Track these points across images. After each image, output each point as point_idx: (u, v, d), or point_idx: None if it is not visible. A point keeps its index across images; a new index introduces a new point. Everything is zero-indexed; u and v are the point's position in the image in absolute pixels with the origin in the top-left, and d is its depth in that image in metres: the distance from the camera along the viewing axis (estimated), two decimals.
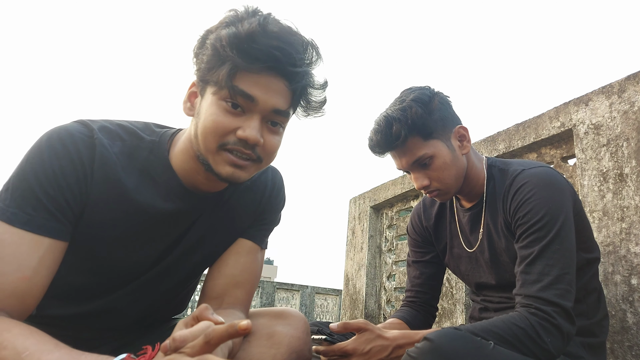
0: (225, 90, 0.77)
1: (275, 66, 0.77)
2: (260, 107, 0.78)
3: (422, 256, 1.43)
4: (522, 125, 2.01)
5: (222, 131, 0.78)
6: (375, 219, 3.19)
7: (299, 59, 0.78)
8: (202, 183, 0.88)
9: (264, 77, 0.77)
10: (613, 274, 1.51)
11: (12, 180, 0.78)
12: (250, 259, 0.97)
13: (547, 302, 0.96)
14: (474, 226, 1.26)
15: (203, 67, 0.80)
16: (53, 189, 0.77)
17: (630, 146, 1.53)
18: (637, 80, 1.56)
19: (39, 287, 0.75)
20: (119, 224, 0.85)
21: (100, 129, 0.84)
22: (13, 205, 0.75)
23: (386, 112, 1.15)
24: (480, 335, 0.90)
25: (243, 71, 0.76)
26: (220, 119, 0.78)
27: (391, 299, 2.95)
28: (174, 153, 0.87)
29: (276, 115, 0.81)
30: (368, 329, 1.09)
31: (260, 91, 0.77)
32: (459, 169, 1.19)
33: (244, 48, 0.75)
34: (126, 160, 0.85)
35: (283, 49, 0.76)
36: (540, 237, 1.03)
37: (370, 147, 1.19)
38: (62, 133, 0.80)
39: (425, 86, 1.20)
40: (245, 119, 0.78)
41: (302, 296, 15.22)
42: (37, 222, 0.75)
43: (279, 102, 0.79)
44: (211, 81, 0.79)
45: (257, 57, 0.75)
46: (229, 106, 0.78)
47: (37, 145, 0.80)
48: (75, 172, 0.79)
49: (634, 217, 1.48)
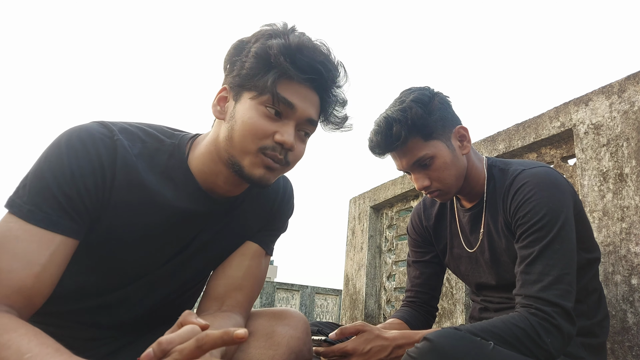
0: (267, 95, 0.80)
1: (316, 79, 0.83)
2: (297, 115, 0.83)
3: (422, 256, 1.43)
4: (522, 125, 2.01)
5: (262, 134, 0.81)
6: (375, 219, 3.19)
7: (337, 76, 0.85)
8: (220, 187, 0.90)
9: (304, 88, 0.83)
10: (613, 274, 1.51)
11: (30, 177, 0.78)
12: (254, 262, 0.97)
13: (547, 302, 0.96)
14: (474, 226, 1.26)
15: (244, 74, 0.83)
16: (70, 188, 0.77)
17: (630, 146, 1.53)
18: (637, 80, 1.56)
19: (47, 284, 0.76)
20: (140, 226, 0.86)
21: (120, 131, 0.85)
22: (30, 202, 0.75)
23: (386, 113, 1.15)
24: (480, 335, 0.90)
25: (286, 80, 0.81)
26: (261, 122, 0.81)
27: (391, 299, 2.95)
28: (194, 156, 0.89)
29: (308, 124, 0.86)
30: (367, 330, 1.09)
31: (300, 100, 0.82)
32: (460, 169, 1.18)
33: (293, 58, 0.80)
34: (147, 162, 0.86)
35: (326, 65, 0.82)
36: (540, 237, 1.03)
37: (371, 148, 1.19)
38: (82, 133, 0.81)
39: (425, 86, 1.20)
40: (282, 124, 0.82)
41: (302, 296, 15.22)
42: (52, 220, 0.76)
43: (313, 112, 0.85)
44: (252, 87, 0.82)
45: (303, 69, 0.81)
46: (269, 112, 0.81)
47: (56, 143, 0.80)
48: (94, 174, 0.80)
49: (634, 217, 1.48)
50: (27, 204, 0.75)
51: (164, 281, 0.95)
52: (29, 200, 0.76)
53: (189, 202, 0.89)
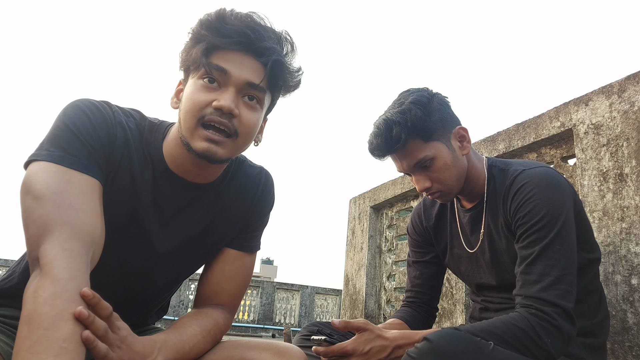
0: (202, 68, 0.84)
1: (244, 42, 0.84)
2: (233, 80, 0.84)
3: (422, 256, 1.43)
4: (522, 125, 2.01)
5: (200, 105, 0.83)
6: (375, 219, 3.19)
7: (267, 36, 0.85)
8: (190, 171, 0.92)
9: (236, 53, 0.84)
10: (613, 274, 1.51)
11: (53, 132, 0.80)
12: (235, 266, 1.01)
13: (547, 302, 0.96)
14: (474, 226, 1.26)
15: (184, 57, 0.87)
16: (94, 141, 0.81)
17: (630, 146, 1.53)
18: (637, 80, 1.56)
19: (103, 228, 0.78)
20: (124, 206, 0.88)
21: (115, 106, 0.90)
22: (60, 150, 0.77)
23: (385, 116, 1.15)
24: (480, 335, 0.90)
25: (217, 50, 0.84)
26: (198, 95, 0.84)
27: (391, 299, 2.95)
28: (166, 142, 0.92)
29: (251, 88, 0.86)
30: (368, 329, 1.09)
31: (233, 65, 0.84)
32: (460, 170, 1.18)
33: (215, 27, 0.83)
34: (137, 137, 0.90)
35: (253, 28, 0.84)
36: (540, 238, 1.03)
37: (370, 151, 1.18)
38: (90, 101, 0.85)
39: (424, 87, 1.20)
40: (221, 92, 0.84)
41: (302, 296, 15.22)
42: (85, 165, 0.79)
43: (252, 76, 0.85)
44: (191, 66, 0.86)
45: (227, 35, 0.83)
46: (205, 82, 0.84)
47: (70, 104, 0.83)
48: (108, 133, 0.84)
49: (634, 217, 1.48)
50: (57, 151, 0.77)
51: (148, 276, 0.97)
52: (58, 148, 0.78)
53: (165, 184, 0.92)
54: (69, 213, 0.72)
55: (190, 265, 1.01)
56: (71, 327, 0.63)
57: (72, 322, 0.63)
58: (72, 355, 0.61)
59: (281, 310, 14.90)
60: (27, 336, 0.61)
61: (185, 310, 13.42)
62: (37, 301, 0.64)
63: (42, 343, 0.60)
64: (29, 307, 0.64)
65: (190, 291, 13.21)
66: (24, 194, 0.74)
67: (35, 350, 0.60)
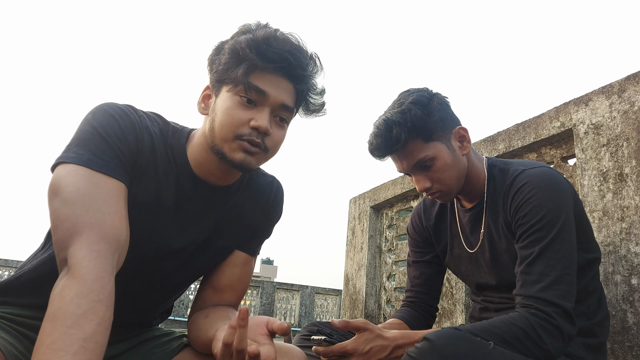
0: (240, 86, 0.86)
1: (286, 68, 0.87)
2: (270, 102, 0.88)
3: (422, 256, 1.43)
4: (522, 125, 2.01)
5: (238, 122, 0.87)
6: (375, 219, 3.19)
7: (306, 64, 0.90)
8: (213, 175, 0.95)
9: (275, 76, 0.88)
10: (613, 274, 1.51)
11: (82, 135, 0.81)
12: (245, 270, 1.06)
13: (547, 302, 0.96)
14: (474, 226, 1.26)
15: (220, 69, 0.89)
16: (122, 144, 0.83)
17: (630, 146, 1.53)
18: (637, 80, 1.56)
19: (128, 231, 0.79)
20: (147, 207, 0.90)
21: (140, 111, 0.92)
22: (88, 153, 0.79)
23: (385, 116, 1.15)
24: (480, 335, 0.90)
25: (258, 70, 0.87)
26: (236, 111, 0.87)
27: (391, 299, 2.95)
28: (190, 147, 0.95)
29: (283, 110, 0.90)
30: (368, 329, 1.09)
31: (271, 88, 0.87)
32: (460, 170, 1.19)
33: (261, 50, 0.85)
34: (161, 141, 0.93)
35: (294, 54, 0.87)
36: (540, 237, 1.03)
37: (370, 151, 1.18)
38: (117, 105, 0.87)
39: (423, 88, 1.20)
40: (257, 111, 0.88)
41: (302, 296, 15.22)
42: (111, 168, 0.80)
43: (286, 98, 0.90)
44: (227, 80, 0.88)
45: (271, 59, 0.86)
46: (243, 100, 0.87)
47: (98, 107, 0.85)
48: (136, 137, 0.86)
49: (634, 217, 1.48)
50: (86, 154, 0.79)
51: (162, 277, 0.97)
52: (87, 152, 0.79)
53: (188, 187, 0.94)
54: (97, 216, 0.74)
55: (203, 266, 1.03)
56: (94, 327, 0.65)
57: (95, 322, 0.65)
58: (90, 355, 0.63)
59: (281, 310, 14.91)
60: (50, 332, 0.63)
61: (186, 311, 13.41)
62: (64, 300, 0.66)
63: (63, 340, 0.62)
64: (55, 305, 0.66)
65: (191, 291, 13.21)
66: (53, 196, 0.75)
67: (56, 347, 0.61)
